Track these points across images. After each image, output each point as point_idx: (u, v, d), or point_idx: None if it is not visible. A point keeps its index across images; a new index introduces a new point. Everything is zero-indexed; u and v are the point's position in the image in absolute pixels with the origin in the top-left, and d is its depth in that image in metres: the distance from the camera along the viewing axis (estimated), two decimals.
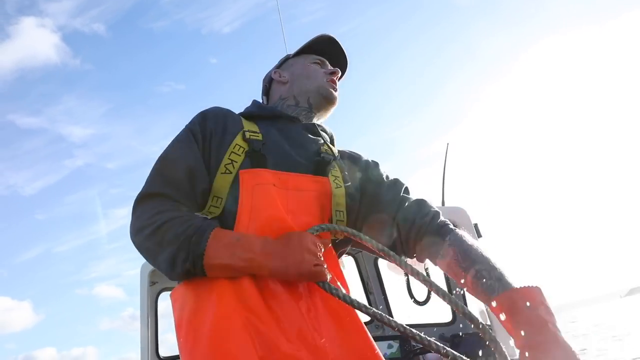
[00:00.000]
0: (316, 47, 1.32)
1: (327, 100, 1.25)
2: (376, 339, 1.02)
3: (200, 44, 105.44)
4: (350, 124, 73.99)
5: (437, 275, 2.60)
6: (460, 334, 2.55)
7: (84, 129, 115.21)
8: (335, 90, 1.27)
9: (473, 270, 0.95)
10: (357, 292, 2.68)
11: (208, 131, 1.09)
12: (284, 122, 1.21)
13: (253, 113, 1.22)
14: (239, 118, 1.17)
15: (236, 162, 1.05)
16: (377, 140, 71.91)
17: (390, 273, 2.64)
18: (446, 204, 2.47)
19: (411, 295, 2.50)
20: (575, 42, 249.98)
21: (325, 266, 0.95)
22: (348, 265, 2.68)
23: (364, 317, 1.01)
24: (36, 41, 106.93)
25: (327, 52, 1.33)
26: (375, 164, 1.27)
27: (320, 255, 0.96)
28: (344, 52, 1.34)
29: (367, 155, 1.31)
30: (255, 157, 1.07)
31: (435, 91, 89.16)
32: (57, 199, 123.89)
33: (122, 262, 72.71)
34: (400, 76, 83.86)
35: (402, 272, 2.09)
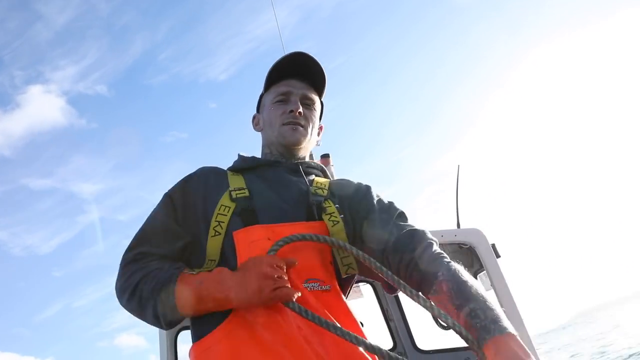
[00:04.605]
0: (285, 70, 1.26)
1: (288, 147, 1.24)
2: None
3: (199, 92, 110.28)
4: (354, 150, 73.24)
5: None
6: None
7: (94, 185, 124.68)
8: (297, 129, 1.23)
9: (467, 309, 0.91)
10: (377, 320, 2.64)
11: (191, 196, 1.15)
12: (265, 169, 1.22)
13: (238, 167, 1.24)
14: (225, 174, 1.21)
15: (223, 222, 1.09)
16: (384, 164, 71.72)
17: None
18: (462, 226, 2.44)
19: (435, 320, 2.45)
20: (580, 42, 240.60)
21: (287, 285, 0.96)
22: (366, 293, 2.64)
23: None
24: (43, 107, 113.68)
25: (298, 68, 1.26)
26: (367, 189, 1.24)
27: (281, 274, 0.97)
28: (315, 62, 1.26)
29: (359, 179, 1.28)
30: (246, 215, 1.09)
31: (436, 107, 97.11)
32: (72, 254, 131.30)
33: None
34: (400, 96, 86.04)
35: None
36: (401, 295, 2.67)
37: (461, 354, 2.51)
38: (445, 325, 1.02)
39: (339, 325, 0.95)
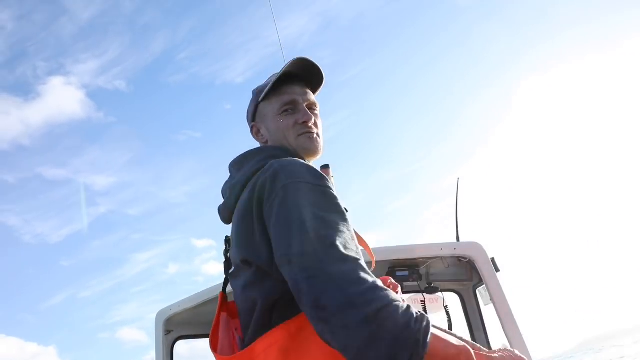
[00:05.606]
0: (285, 75, 1.20)
1: (312, 157, 1.21)
2: None
3: (215, 93, 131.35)
4: (365, 161, 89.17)
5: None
6: None
7: (107, 178, 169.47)
8: (313, 137, 1.20)
9: None
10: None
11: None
12: None
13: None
14: None
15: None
16: (395, 176, 78.35)
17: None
18: (461, 239, 2.43)
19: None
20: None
21: None
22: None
23: None
24: (63, 98, 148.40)
25: (298, 72, 1.23)
26: None
27: None
28: (314, 65, 1.22)
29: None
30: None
31: (450, 123, 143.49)
32: (81, 245, 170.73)
33: (143, 306, 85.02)
34: (416, 109, 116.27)
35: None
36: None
37: None
38: None
39: None
